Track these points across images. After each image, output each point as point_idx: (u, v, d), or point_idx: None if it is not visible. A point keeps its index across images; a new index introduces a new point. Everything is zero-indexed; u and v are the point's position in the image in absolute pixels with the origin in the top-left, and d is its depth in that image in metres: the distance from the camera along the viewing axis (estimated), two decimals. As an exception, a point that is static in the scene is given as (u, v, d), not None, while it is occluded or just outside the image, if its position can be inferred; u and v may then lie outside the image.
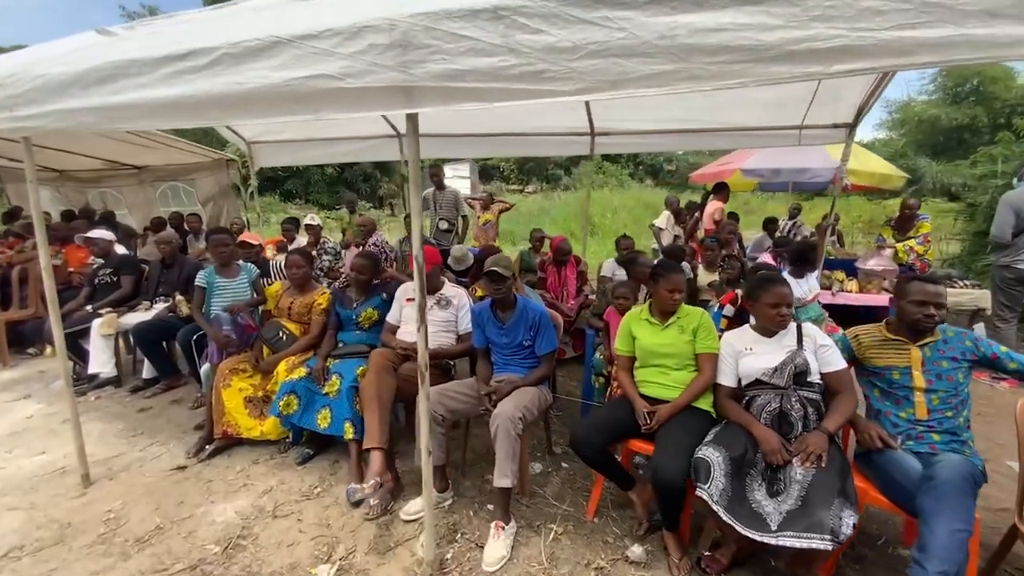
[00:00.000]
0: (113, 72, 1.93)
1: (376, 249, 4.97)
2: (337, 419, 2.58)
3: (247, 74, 1.67)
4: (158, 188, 6.92)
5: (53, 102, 2.08)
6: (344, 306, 3.08)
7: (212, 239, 2.94)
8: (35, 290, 4.49)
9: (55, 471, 2.71)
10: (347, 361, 2.81)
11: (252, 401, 2.89)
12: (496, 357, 2.61)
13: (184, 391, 3.75)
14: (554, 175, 26.95)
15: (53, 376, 4.04)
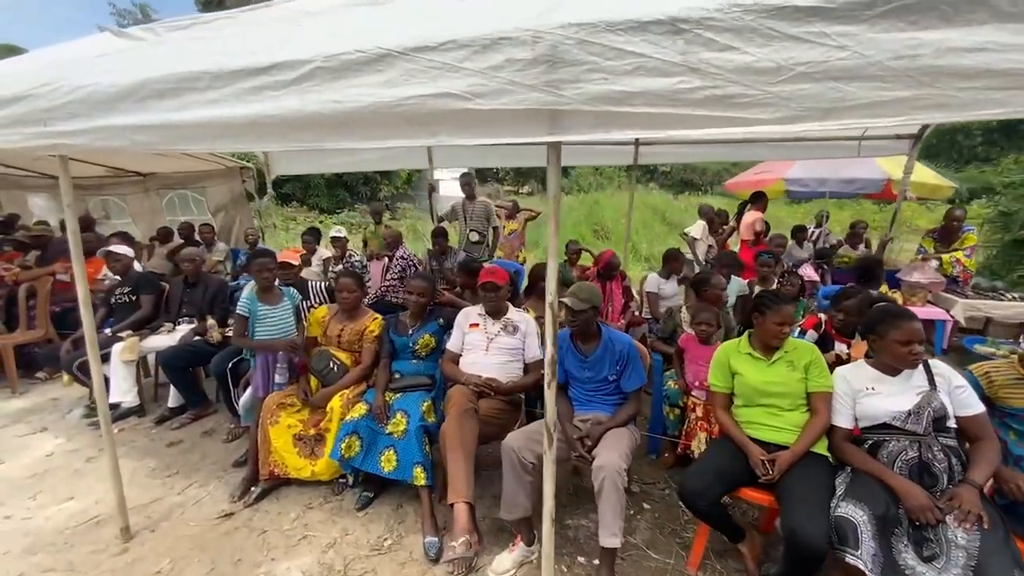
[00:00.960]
0: (176, 85, 1.70)
1: (404, 263, 4.74)
2: (405, 462, 2.36)
3: (347, 91, 1.45)
4: (164, 196, 6.61)
5: (99, 117, 1.84)
6: (398, 332, 2.86)
7: (256, 263, 2.70)
8: (44, 310, 4.19)
9: (88, 521, 2.46)
10: (409, 396, 2.59)
11: (302, 439, 2.66)
12: (575, 393, 2.41)
13: (213, 421, 3.50)
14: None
15: (67, 405, 3.76)
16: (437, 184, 25.29)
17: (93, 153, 5.16)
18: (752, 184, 6.06)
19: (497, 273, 2.67)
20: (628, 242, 4.92)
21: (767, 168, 6.23)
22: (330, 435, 2.59)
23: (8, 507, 2.55)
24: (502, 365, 2.56)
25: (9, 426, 3.42)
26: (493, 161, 5.31)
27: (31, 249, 5.52)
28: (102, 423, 2.25)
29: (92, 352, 2.24)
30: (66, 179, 2.05)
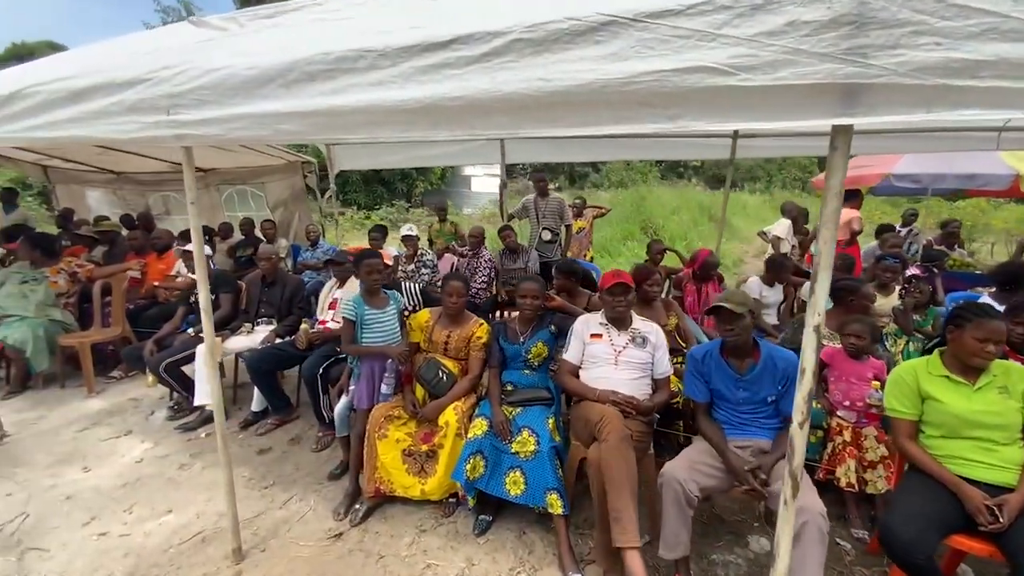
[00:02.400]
0: (331, 67, 1.49)
1: (491, 265, 4.54)
2: (535, 487, 2.14)
3: (557, 67, 1.21)
4: (224, 192, 6.55)
5: (236, 104, 1.65)
6: (509, 340, 2.64)
7: (365, 264, 2.50)
8: (119, 307, 4.12)
9: (193, 539, 2.31)
10: (529, 411, 2.36)
11: (412, 455, 2.46)
12: (725, 415, 2.13)
13: (298, 427, 3.35)
14: (580, 172, 26.34)
15: (148, 406, 3.66)
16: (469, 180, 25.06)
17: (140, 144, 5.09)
18: (847, 181, 5.57)
19: (625, 275, 2.42)
20: (720, 242, 4.58)
21: (865, 162, 5.79)
22: (444, 452, 2.39)
23: (103, 521, 2.43)
24: (634, 381, 2.31)
25: (91, 428, 3.33)
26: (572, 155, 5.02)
27: (97, 244, 5.52)
28: (219, 437, 2.09)
29: (211, 360, 2.07)
30: (190, 173, 1.87)
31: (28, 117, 2.16)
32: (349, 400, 2.80)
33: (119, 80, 1.89)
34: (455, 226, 5.33)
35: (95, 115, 1.95)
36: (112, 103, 1.89)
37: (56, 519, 2.42)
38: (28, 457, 2.96)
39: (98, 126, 1.95)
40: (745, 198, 21.09)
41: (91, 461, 2.92)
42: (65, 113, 2.03)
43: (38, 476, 2.77)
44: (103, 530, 2.35)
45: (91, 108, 1.95)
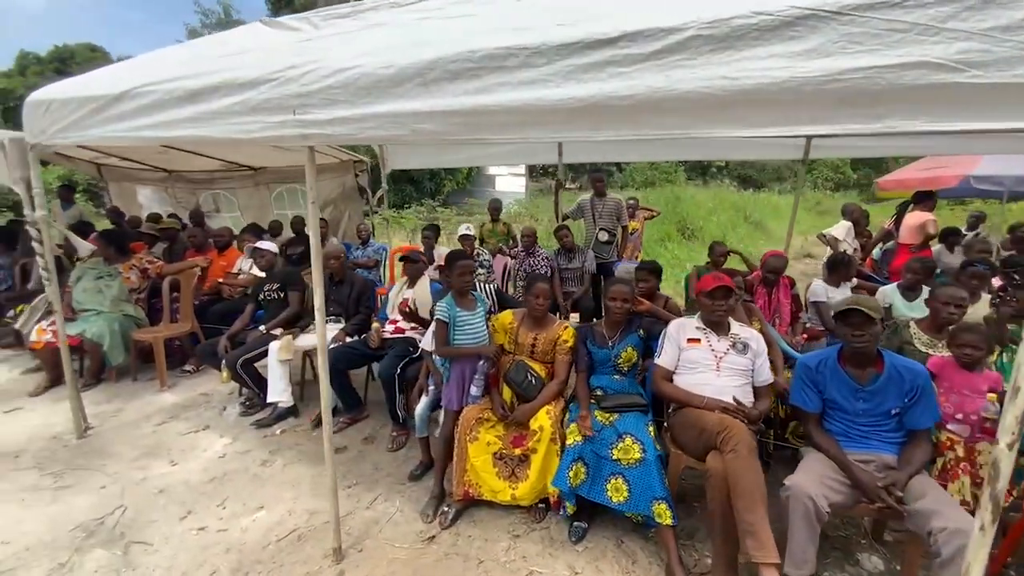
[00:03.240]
0: (476, 65, 1.47)
1: (549, 264, 4.49)
2: (640, 495, 2.08)
3: (742, 65, 1.16)
4: (274, 190, 6.63)
5: (369, 103, 1.63)
6: (597, 344, 2.59)
7: (458, 265, 2.48)
8: (188, 303, 4.19)
9: (288, 536, 2.32)
10: (628, 417, 2.31)
11: (503, 459, 2.43)
12: (841, 427, 2.05)
13: (369, 426, 3.36)
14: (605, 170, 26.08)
15: (219, 400, 3.72)
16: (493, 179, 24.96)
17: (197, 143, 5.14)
18: (921, 182, 5.37)
19: (726, 278, 2.35)
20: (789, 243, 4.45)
21: (939, 163, 5.55)
22: (537, 457, 2.35)
23: (199, 516, 2.45)
24: (739, 388, 2.24)
25: (169, 422, 3.39)
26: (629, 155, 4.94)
27: (157, 241, 5.65)
28: (325, 439, 2.09)
29: (322, 362, 2.07)
30: (311, 172, 1.87)
31: (140, 116, 2.19)
32: (430, 401, 2.80)
33: (241, 80, 1.90)
34: (507, 226, 5.30)
35: (214, 115, 1.96)
36: (234, 103, 1.90)
37: (153, 512, 2.46)
38: (113, 449, 3.03)
39: (218, 126, 1.96)
40: (775, 199, 20.67)
41: (176, 455, 2.97)
42: (182, 113, 2.05)
43: (127, 469, 2.82)
44: (201, 524, 2.38)
45: (210, 108, 1.97)
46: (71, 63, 32.00)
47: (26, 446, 3.05)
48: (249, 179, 6.67)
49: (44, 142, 2.62)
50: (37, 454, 2.96)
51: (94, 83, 2.54)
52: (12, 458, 2.92)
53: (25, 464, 2.86)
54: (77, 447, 3.04)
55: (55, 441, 3.10)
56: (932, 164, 5.64)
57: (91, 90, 2.41)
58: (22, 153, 2.91)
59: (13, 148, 2.88)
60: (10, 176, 2.94)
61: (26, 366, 4.33)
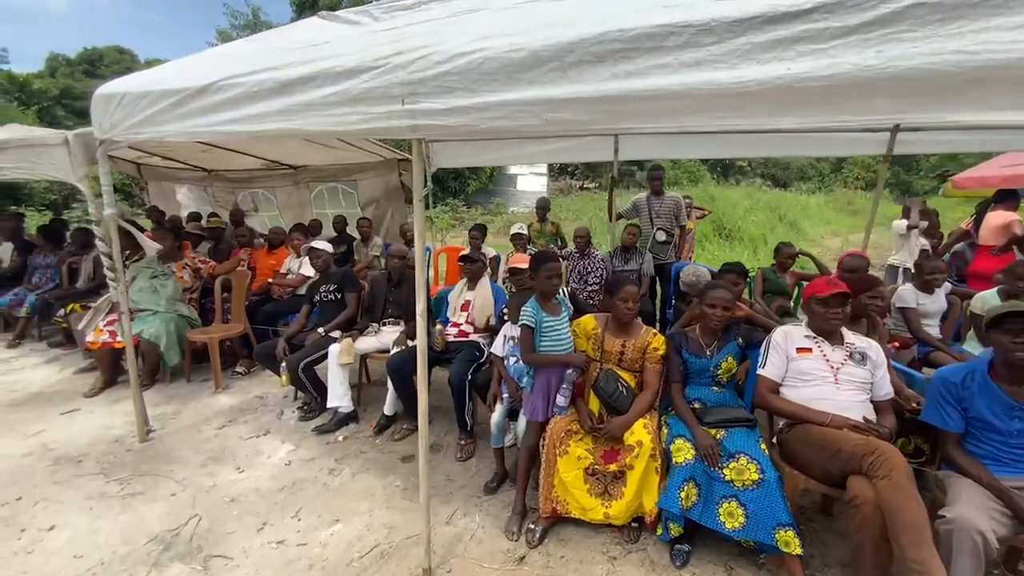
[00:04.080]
0: (626, 46, 1.30)
1: (604, 266, 4.33)
2: (759, 521, 1.91)
3: (983, 37, 0.98)
4: (314, 189, 6.57)
5: (494, 91, 1.49)
6: (693, 353, 2.42)
7: (545, 268, 2.33)
8: (240, 304, 4.12)
9: (371, 552, 2.19)
10: (736, 433, 2.13)
11: (595, 474, 2.28)
12: (989, 448, 1.84)
13: (434, 433, 3.22)
14: (626, 170, 25.71)
15: (275, 403, 3.63)
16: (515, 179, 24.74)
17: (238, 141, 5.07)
18: (1004, 180, 5.07)
19: (842, 283, 2.16)
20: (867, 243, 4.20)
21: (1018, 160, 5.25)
22: (634, 474, 2.19)
23: (276, 528, 2.34)
24: (861, 404, 2.05)
25: (229, 426, 3.30)
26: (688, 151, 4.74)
27: (202, 240, 5.62)
28: (421, 453, 1.96)
29: (421, 370, 1.94)
30: (419, 167, 1.73)
31: (225, 110, 2.08)
32: (504, 409, 2.66)
33: (339, 69, 1.77)
34: (556, 226, 5.14)
35: (308, 107, 1.85)
36: (331, 93, 1.77)
37: (228, 523, 2.36)
38: (178, 454, 2.95)
39: (311, 118, 1.84)
40: (803, 199, 20.18)
41: (241, 461, 2.88)
42: (272, 105, 1.94)
43: (194, 475, 2.73)
44: (279, 538, 2.27)
45: (304, 100, 1.85)
46: (99, 65, 32.79)
47: (88, 450, 2.98)
48: (289, 178, 6.62)
49: (115, 137, 2.54)
50: (100, 459, 2.89)
51: (167, 77, 2.45)
52: (75, 463, 2.85)
53: (89, 469, 2.79)
54: (141, 451, 2.97)
55: (117, 445, 3.03)
56: (1012, 161, 5.32)
57: (167, 84, 2.32)
58: (88, 150, 2.85)
59: (78, 144, 2.83)
60: (74, 173, 2.88)
61: (78, 366, 4.30)
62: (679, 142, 4.50)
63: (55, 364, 4.44)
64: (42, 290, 5.16)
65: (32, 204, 11.43)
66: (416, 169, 1.72)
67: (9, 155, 3.23)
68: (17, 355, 4.72)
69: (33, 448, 3.00)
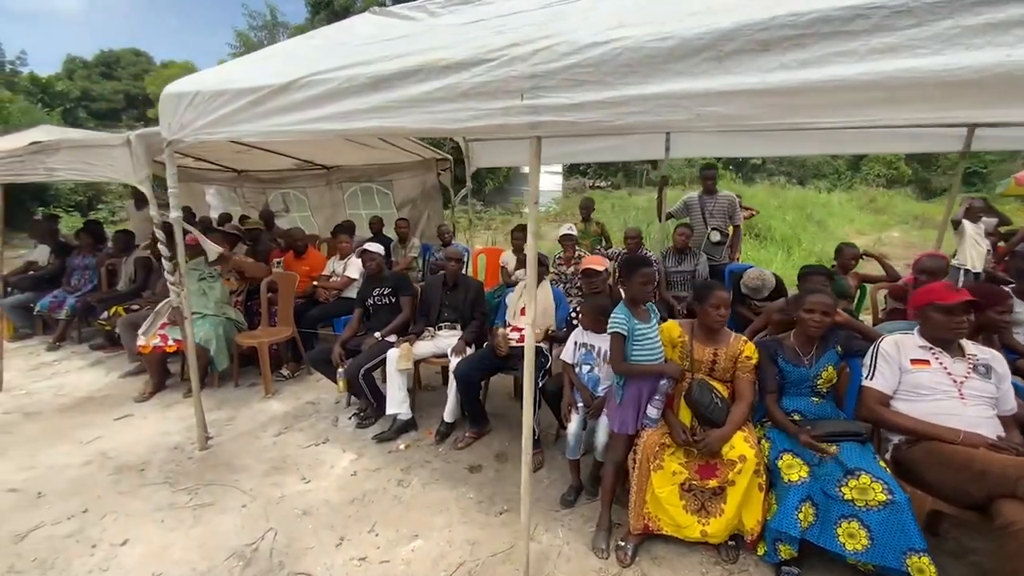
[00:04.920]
0: (801, 31, 1.19)
1: (654, 267, 4.19)
2: (887, 544, 1.78)
3: None
4: (347, 189, 6.50)
5: (634, 84, 1.38)
6: (789, 361, 2.29)
7: (640, 273, 2.21)
8: (288, 307, 4.05)
9: (457, 571, 2.08)
10: (850, 448, 1.99)
11: (692, 490, 2.16)
12: None
13: (496, 442, 3.12)
14: (640, 170, 25.46)
15: (327, 410, 3.54)
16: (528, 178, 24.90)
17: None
18: None
19: (964, 291, 2.02)
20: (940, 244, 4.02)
21: None
22: (736, 490, 2.07)
23: (354, 543, 2.25)
24: (989, 420, 1.92)
25: (285, 433, 3.22)
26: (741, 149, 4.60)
27: (238, 242, 5.56)
28: (524, 471, 1.85)
29: (529, 384, 1.83)
30: (535, 167, 1.62)
31: (311, 108, 1.99)
32: (580, 420, 2.55)
33: (445, 62, 1.66)
34: (601, 226, 5.02)
35: (409, 103, 1.74)
36: (437, 89, 1.67)
37: (305, 537, 2.27)
38: (240, 463, 2.87)
39: (412, 115, 1.74)
40: (825, 197, 19.82)
41: (305, 471, 2.79)
42: (366, 102, 1.84)
43: (261, 485, 2.65)
44: (360, 554, 2.18)
45: (405, 95, 1.75)
46: (116, 67, 33.11)
47: (148, 458, 2.91)
48: (321, 178, 6.55)
49: (185, 138, 2.45)
50: (163, 467, 2.82)
51: (237, 76, 2.37)
52: (138, 472, 2.79)
53: (153, 478, 2.72)
54: (202, 459, 2.89)
55: (178, 452, 2.96)
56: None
57: (241, 82, 2.23)
58: (149, 151, 2.78)
59: (140, 145, 2.75)
60: (136, 175, 2.81)
61: (123, 369, 4.26)
62: (739, 139, 4.37)
63: (100, 367, 4.40)
64: (81, 292, 5.14)
65: (59, 205, 11.51)
66: (533, 168, 1.61)
67: (63, 156, 3.17)
68: (59, 358, 4.69)
69: (92, 456, 2.94)
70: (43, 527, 2.35)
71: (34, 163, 3.35)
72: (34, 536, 2.30)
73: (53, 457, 2.93)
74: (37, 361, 4.60)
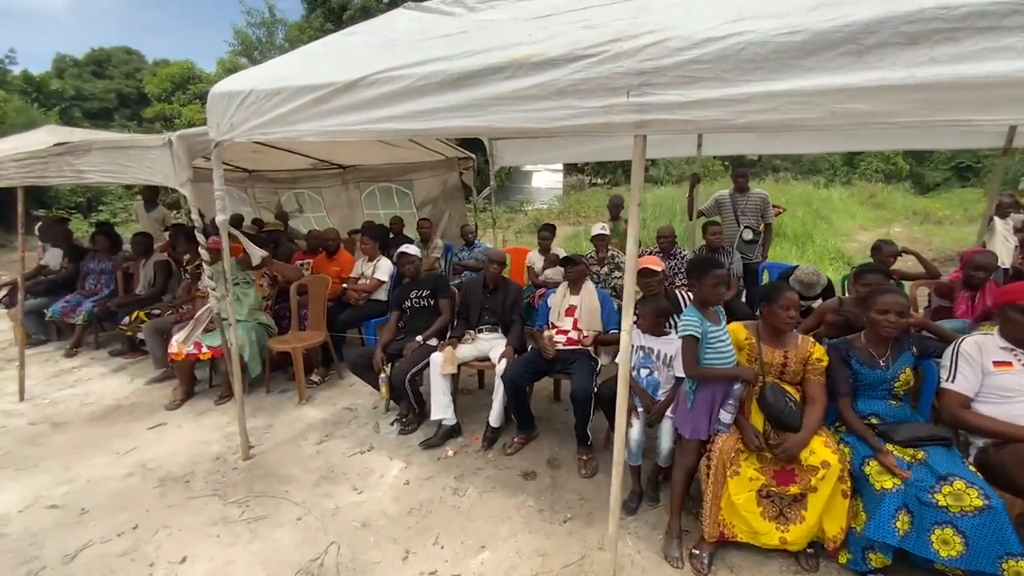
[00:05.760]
0: (951, 26, 1.13)
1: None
2: (982, 550, 1.73)
3: None
4: (364, 189, 6.40)
5: (760, 81, 1.35)
6: (863, 363, 2.25)
7: (713, 274, 2.16)
8: (320, 311, 3.96)
9: (536, 585, 2.04)
10: (936, 453, 1.95)
11: (770, 496, 2.11)
12: None
13: (544, 447, 3.05)
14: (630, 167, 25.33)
15: (365, 416, 3.46)
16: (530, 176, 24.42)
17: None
18: None
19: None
20: (984, 233, 3.97)
21: None
22: (818, 497, 2.02)
23: (421, 556, 2.18)
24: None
25: (327, 441, 3.14)
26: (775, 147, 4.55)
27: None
28: (614, 485, 1.79)
29: (623, 390, 1.77)
30: (639, 165, 1.55)
31: (382, 107, 1.92)
32: (642, 425, 2.50)
33: (536, 59, 1.60)
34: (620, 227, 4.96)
35: (495, 101, 1.68)
36: (529, 86, 1.60)
37: (369, 551, 2.20)
38: (286, 472, 2.79)
39: (500, 113, 1.67)
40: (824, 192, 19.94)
41: (355, 480, 2.72)
42: (446, 100, 1.77)
43: (312, 496, 2.57)
44: (429, 568, 2.11)
45: (491, 93, 1.68)
46: (107, 66, 32.59)
47: (192, 468, 2.83)
48: (337, 177, 6.45)
49: (237, 138, 2.37)
50: (208, 478, 2.74)
51: (294, 73, 2.27)
52: (183, 483, 2.70)
53: (201, 490, 2.63)
54: (247, 470, 2.81)
55: (221, 463, 2.88)
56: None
57: (302, 79, 2.14)
58: (191, 152, 2.69)
59: (182, 147, 2.66)
60: (177, 178, 2.72)
61: (148, 376, 4.15)
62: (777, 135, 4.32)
63: (123, 374, 4.29)
64: (98, 296, 5.01)
65: (60, 206, 11.29)
66: (636, 169, 1.54)
67: (94, 157, 3.07)
68: (78, 364, 4.58)
69: (132, 468, 2.85)
70: (92, 545, 2.26)
71: (60, 165, 3.25)
72: (85, 555, 2.21)
73: (91, 470, 2.83)
74: (56, 368, 4.48)
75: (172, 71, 17.32)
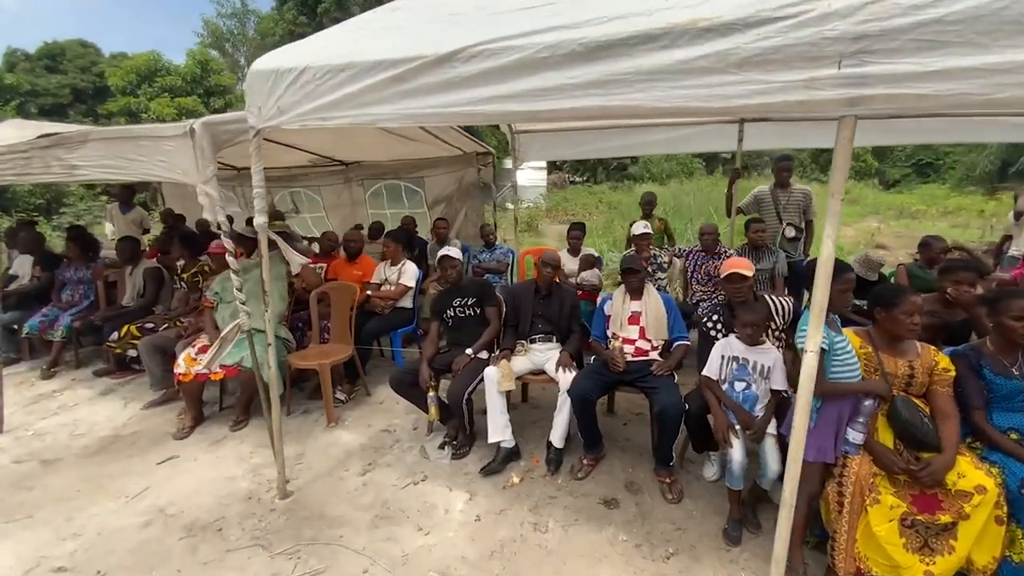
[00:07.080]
0: None
1: None
2: None
3: None
4: (369, 187, 5.98)
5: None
6: (994, 370, 2.05)
7: (840, 279, 1.90)
8: (344, 322, 3.57)
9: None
10: (1101, 473, 1.78)
11: (913, 526, 1.89)
12: None
13: (616, 469, 2.77)
14: (618, 164, 25.45)
15: (406, 439, 3.10)
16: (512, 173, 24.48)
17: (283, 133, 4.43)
18: None
19: None
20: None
21: None
22: (970, 525, 1.81)
23: (515, 608, 1.88)
24: None
25: (372, 471, 2.77)
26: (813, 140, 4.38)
27: (255, 247, 4.98)
28: (782, 523, 1.52)
29: (801, 424, 1.50)
30: (846, 155, 1.28)
31: (486, 84, 1.63)
32: (743, 445, 2.25)
33: (704, 23, 1.32)
34: (664, 222, 4.73)
35: (650, 76, 1.44)
36: (696, 57, 1.34)
37: (459, 609, 1.88)
38: (335, 512, 2.42)
39: (657, 90, 1.42)
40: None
41: (417, 519, 2.38)
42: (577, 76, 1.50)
43: (374, 541, 2.22)
44: (537, 628, 1.81)
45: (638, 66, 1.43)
46: (62, 60, 30.63)
47: (221, 512, 2.43)
48: (339, 175, 6.01)
49: (284, 125, 1.99)
50: (243, 523, 2.35)
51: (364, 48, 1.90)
52: (215, 532, 2.30)
53: (239, 541, 2.24)
54: (289, 511, 2.43)
55: (255, 504, 2.49)
56: None
57: (373, 54, 1.79)
58: (216, 143, 2.29)
59: (205, 136, 2.26)
60: (200, 173, 2.32)
61: (144, 399, 3.67)
62: (808, 130, 4.17)
63: (113, 398, 3.80)
64: (77, 309, 4.47)
65: (19, 209, 10.35)
66: (841, 158, 1.28)
67: (91, 150, 2.61)
68: (59, 387, 4.05)
69: (148, 514, 2.43)
70: (118, 619, 1.87)
71: (46, 160, 2.78)
72: (110, 632, 1.81)
73: (99, 519, 2.40)
74: (34, 392, 3.95)
75: (137, 63, 16.21)
